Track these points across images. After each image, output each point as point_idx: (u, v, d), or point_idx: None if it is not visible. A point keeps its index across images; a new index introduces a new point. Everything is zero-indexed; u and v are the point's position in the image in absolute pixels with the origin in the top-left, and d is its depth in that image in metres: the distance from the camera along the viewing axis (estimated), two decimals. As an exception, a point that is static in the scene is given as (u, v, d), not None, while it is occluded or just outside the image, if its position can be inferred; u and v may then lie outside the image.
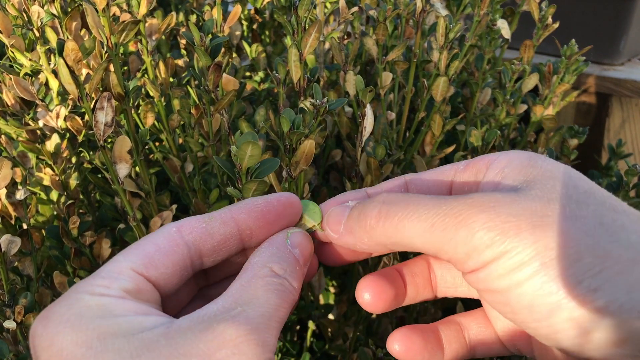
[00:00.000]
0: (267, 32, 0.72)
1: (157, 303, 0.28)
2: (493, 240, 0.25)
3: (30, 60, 0.45)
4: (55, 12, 0.43)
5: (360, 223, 0.29)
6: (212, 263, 0.30)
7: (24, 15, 0.43)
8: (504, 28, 0.56)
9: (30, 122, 0.46)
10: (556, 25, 0.55)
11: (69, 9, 0.43)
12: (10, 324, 0.40)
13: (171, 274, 0.28)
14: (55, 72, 0.46)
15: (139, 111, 0.49)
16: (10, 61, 0.46)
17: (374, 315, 0.51)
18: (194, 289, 0.32)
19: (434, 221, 0.26)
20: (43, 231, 0.46)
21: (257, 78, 0.66)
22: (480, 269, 0.26)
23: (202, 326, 0.24)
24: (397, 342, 0.33)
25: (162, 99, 0.49)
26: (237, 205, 0.30)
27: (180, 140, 0.53)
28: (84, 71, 0.43)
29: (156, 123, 0.52)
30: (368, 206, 0.29)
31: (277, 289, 0.27)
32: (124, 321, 0.24)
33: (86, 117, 0.45)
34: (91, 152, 0.52)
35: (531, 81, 0.56)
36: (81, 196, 0.52)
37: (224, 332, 0.24)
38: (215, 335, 0.24)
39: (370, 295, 0.32)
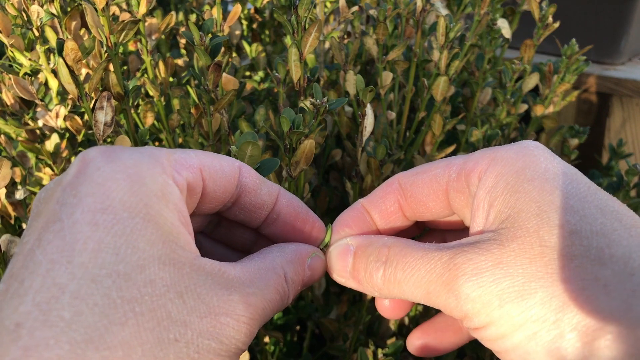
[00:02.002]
0: (267, 32, 0.72)
1: (191, 210, 0.28)
2: (479, 311, 0.25)
3: (29, 59, 0.45)
4: (54, 11, 0.43)
5: (368, 281, 0.30)
6: (234, 217, 0.31)
7: (24, 14, 0.43)
8: (505, 27, 0.56)
9: (29, 122, 0.46)
10: (557, 25, 0.55)
11: (69, 9, 0.43)
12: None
13: (217, 197, 0.29)
14: (54, 72, 0.46)
15: (139, 111, 0.49)
16: (10, 61, 0.46)
17: (374, 315, 0.51)
18: (200, 226, 0.33)
19: (428, 287, 0.27)
20: (42, 231, 0.45)
21: (257, 78, 0.66)
22: (475, 330, 0.27)
23: (221, 281, 0.25)
24: (417, 339, 0.35)
25: (162, 99, 0.49)
26: (287, 194, 0.32)
27: (180, 140, 0.53)
28: (84, 71, 0.43)
29: (156, 123, 0.52)
30: (372, 266, 0.30)
31: (281, 292, 0.28)
32: (169, 222, 0.24)
33: (86, 116, 0.45)
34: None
35: (532, 81, 0.56)
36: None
37: (236, 304, 0.25)
38: (229, 300, 0.24)
39: (390, 301, 0.34)
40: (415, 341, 0.36)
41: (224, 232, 0.34)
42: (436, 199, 0.31)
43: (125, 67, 0.56)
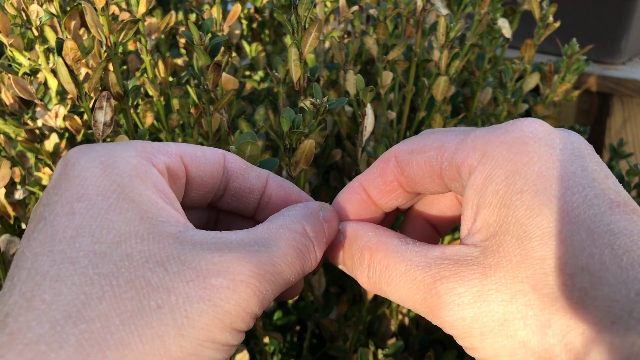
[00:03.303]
0: (266, 31, 0.72)
1: (178, 198, 0.28)
2: (462, 337, 0.25)
3: (29, 59, 0.45)
4: (54, 11, 0.43)
5: (357, 278, 0.30)
6: (227, 206, 0.31)
7: (23, 14, 0.43)
8: (505, 27, 0.56)
9: (29, 122, 0.46)
10: (557, 25, 0.55)
11: (68, 8, 0.43)
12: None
13: (205, 183, 0.28)
14: (54, 72, 0.46)
15: (138, 110, 0.49)
16: (9, 60, 0.46)
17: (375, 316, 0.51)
18: (198, 224, 0.32)
19: (413, 305, 0.27)
20: (42, 231, 0.45)
21: (256, 77, 0.66)
22: (463, 346, 0.26)
23: (213, 246, 0.24)
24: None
25: (162, 99, 0.49)
26: (276, 177, 0.31)
27: (180, 140, 0.53)
28: (83, 70, 0.43)
29: (155, 122, 0.52)
30: (357, 269, 0.29)
31: (301, 249, 0.26)
32: (146, 199, 0.24)
33: (85, 116, 0.45)
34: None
35: (532, 80, 0.56)
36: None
37: (231, 262, 0.23)
38: (222, 260, 0.23)
39: None
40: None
41: (223, 228, 0.33)
42: (432, 181, 0.30)
43: (124, 67, 0.56)
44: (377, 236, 0.29)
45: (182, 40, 0.63)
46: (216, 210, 0.33)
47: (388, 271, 0.28)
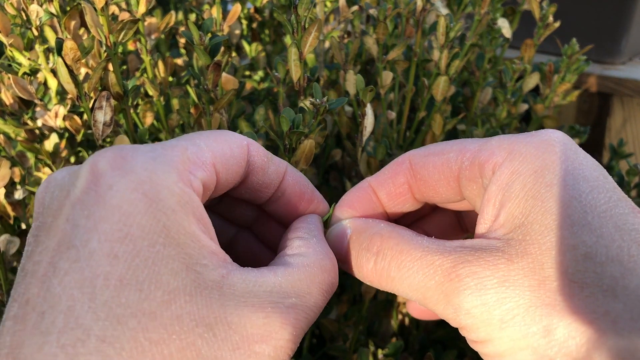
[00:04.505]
0: (266, 31, 0.72)
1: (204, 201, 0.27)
2: (478, 327, 0.24)
3: (28, 59, 0.45)
4: (53, 11, 0.43)
5: (358, 271, 0.29)
6: (238, 194, 0.30)
7: (23, 14, 0.43)
8: (505, 27, 0.56)
9: (28, 122, 0.46)
10: (557, 24, 0.55)
11: (68, 8, 0.43)
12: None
13: (228, 183, 0.28)
14: (54, 72, 0.46)
15: (138, 110, 0.49)
16: (9, 60, 0.46)
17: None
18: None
19: (425, 293, 0.25)
20: (42, 231, 0.45)
21: (256, 77, 0.66)
22: (472, 342, 0.25)
23: (256, 301, 0.23)
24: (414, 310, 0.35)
25: (161, 98, 0.49)
26: (293, 172, 0.31)
27: (180, 140, 0.53)
28: (83, 70, 0.43)
29: (155, 122, 0.52)
30: (363, 256, 0.28)
31: (326, 289, 0.26)
32: (190, 238, 0.22)
33: (85, 116, 0.45)
34: (90, 152, 0.52)
35: (532, 80, 0.56)
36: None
37: (273, 327, 0.23)
38: (265, 323, 0.23)
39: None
40: (416, 305, 0.35)
41: (225, 208, 0.33)
42: (447, 184, 0.29)
43: (124, 67, 0.56)
44: (389, 226, 0.29)
45: (182, 40, 0.63)
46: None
47: (401, 256, 0.26)
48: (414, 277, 0.26)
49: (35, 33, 0.44)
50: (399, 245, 0.27)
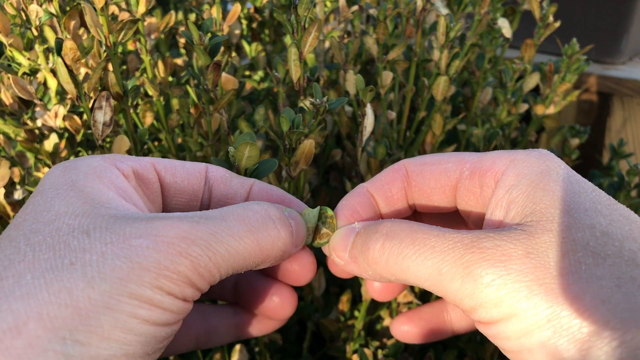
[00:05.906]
0: (266, 31, 0.72)
1: (155, 204, 0.29)
2: (502, 300, 0.23)
3: (28, 59, 0.45)
4: (53, 11, 0.43)
5: (363, 255, 0.28)
6: None
7: (22, 14, 0.43)
8: (505, 27, 0.56)
9: (28, 122, 0.46)
10: (557, 24, 0.55)
11: (68, 8, 0.43)
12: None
13: (184, 189, 0.30)
14: (53, 72, 0.46)
15: (138, 110, 0.49)
16: (9, 60, 0.45)
17: (373, 316, 0.51)
18: None
19: (441, 268, 0.25)
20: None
21: (256, 77, 0.66)
22: (487, 324, 0.25)
23: (147, 217, 0.24)
24: (403, 324, 0.35)
25: (161, 99, 0.49)
26: (262, 184, 0.31)
27: (179, 140, 0.53)
28: (83, 70, 0.43)
29: (155, 122, 0.52)
30: (371, 237, 0.28)
31: (254, 224, 0.26)
32: (97, 190, 0.25)
33: (84, 116, 0.45)
34: (89, 152, 0.52)
35: (532, 80, 0.56)
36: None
37: (156, 227, 0.24)
38: (147, 226, 0.23)
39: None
40: (399, 326, 0.35)
41: None
42: (442, 193, 0.30)
43: (124, 67, 0.56)
44: (401, 220, 0.29)
45: (182, 40, 0.63)
46: None
47: (416, 234, 0.26)
48: (431, 251, 0.25)
49: (35, 33, 0.44)
50: (411, 227, 0.27)
